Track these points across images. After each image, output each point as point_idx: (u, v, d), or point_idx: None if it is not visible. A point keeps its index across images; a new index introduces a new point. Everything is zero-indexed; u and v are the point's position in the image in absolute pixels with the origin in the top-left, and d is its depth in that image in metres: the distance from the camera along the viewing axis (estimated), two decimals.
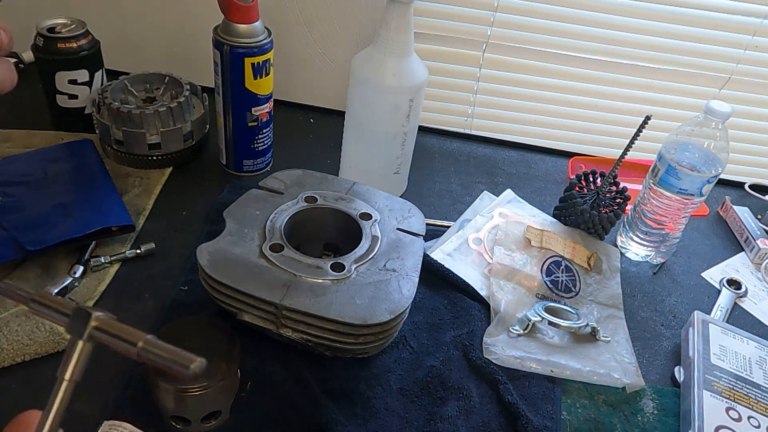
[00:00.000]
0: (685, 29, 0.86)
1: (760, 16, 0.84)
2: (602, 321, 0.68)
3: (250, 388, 0.55)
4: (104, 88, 0.78)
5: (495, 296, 0.67)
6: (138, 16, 0.92)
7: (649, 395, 0.62)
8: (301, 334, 0.52)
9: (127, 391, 0.53)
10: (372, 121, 0.73)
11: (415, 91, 0.71)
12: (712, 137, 0.69)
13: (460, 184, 0.88)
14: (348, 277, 0.55)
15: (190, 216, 0.73)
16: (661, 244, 0.77)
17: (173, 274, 0.65)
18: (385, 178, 0.79)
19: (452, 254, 0.72)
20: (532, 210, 0.81)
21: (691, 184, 0.70)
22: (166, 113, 0.76)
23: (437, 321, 0.65)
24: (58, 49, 0.75)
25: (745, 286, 0.77)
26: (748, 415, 0.58)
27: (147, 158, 0.77)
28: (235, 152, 0.80)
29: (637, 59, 0.89)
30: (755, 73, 0.89)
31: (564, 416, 0.58)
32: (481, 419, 0.55)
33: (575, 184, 0.78)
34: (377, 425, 0.54)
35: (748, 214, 0.88)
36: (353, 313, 0.51)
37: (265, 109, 0.76)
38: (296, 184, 0.66)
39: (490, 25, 0.88)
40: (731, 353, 0.64)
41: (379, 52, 0.69)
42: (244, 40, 0.70)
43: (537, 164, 0.96)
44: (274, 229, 0.59)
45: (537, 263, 0.71)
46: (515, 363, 0.61)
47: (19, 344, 0.54)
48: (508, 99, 0.95)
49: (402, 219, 0.65)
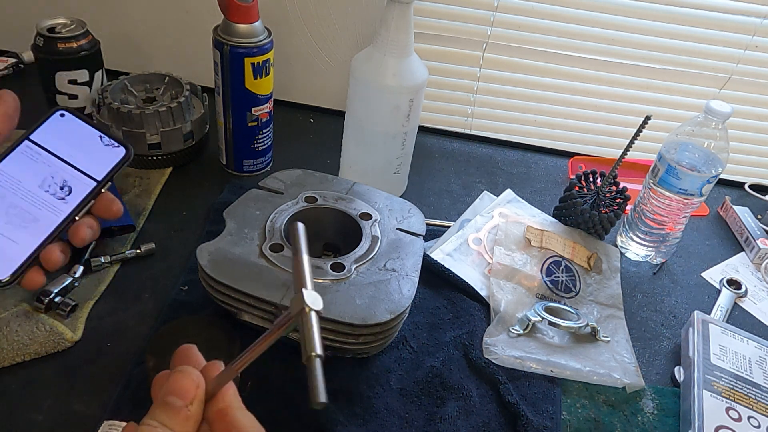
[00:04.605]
0: (685, 29, 0.86)
1: (760, 16, 0.84)
2: (602, 321, 0.68)
3: (250, 388, 0.55)
4: (104, 88, 0.78)
5: (495, 296, 0.67)
6: (138, 16, 0.92)
7: (649, 395, 0.62)
8: None
9: (127, 391, 0.53)
10: (372, 121, 0.73)
11: (415, 91, 0.71)
12: (712, 137, 0.69)
13: (460, 184, 0.88)
14: (348, 277, 0.55)
15: (190, 216, 0.73)
16: (661, 244, 0.77)
17: (173, 274, 0.65)
18: (385, 178, 0.79)
19: (452, 254, 0.72)
20: (532, 210, 0.81)
21: (691, 184, 0.70)
22: (166, 113, 0.76)
23: (437, 321, 0.65)
24: (58, 49, 0.75)
25: (745, 286, 0.77)
26: (748, 415, 0.58)
27: (147, 158, 0.77)
28: (235, 152, 0.80)
29: (637, 59, 0.89)
30: (755, 73, 0.89)
31: (564, 416, 0.58)
32: (481, 419, 0.55)
33: (575, 184, 0.78)
34: (377, 425, 0.54)
35: (748, 214, 0.88)
36: (353, 313, 0.51)
37: (265, 109, 0.76)
38: (296, 184, 0.66)
39: (490, 25, 0.88)
40: (731, 353, 0.64)
41: (379, 52, 0.69)
42: (244, 40, 0.70)
43: (537, 164, 0.96)
44: (274, 229, 0.59)
45: (537, 263, 0.71)
46: (515, 363, 0.61)
47: (19, 344, 0.54)
48: (508, 99, 0.95)
49: (402, 219, 0.65)
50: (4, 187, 0.48)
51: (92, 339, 0.57)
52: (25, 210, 0.48)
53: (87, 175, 0.51)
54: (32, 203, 0.49)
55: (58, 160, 0.51)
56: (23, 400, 0.51)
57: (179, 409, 0.33)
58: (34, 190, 0.49)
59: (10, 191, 0.48)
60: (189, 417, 0.33)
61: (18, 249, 0.47)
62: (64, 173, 0.50)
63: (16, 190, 0.48)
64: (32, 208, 0.49)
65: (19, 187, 0.49)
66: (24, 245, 0.47)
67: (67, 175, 0.51)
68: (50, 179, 0.50)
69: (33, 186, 0.49)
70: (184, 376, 0.34)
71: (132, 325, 0.59)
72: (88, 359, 0.55)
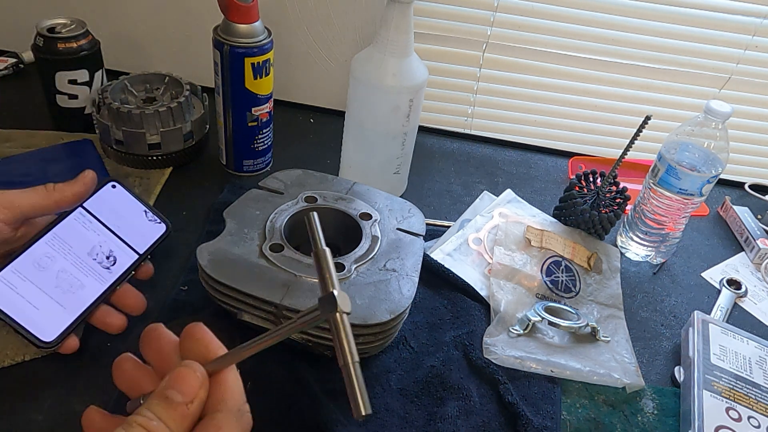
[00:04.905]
0: (685, 29, 0.86)
1: (760, 16, 0.84)
2: (602, 321, 0.68)
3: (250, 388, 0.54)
4: (104, 88, 0.78)
5: (495, 296, 0.67)
6: (138, 16, 0.92)
7: (649, 395, 0.62)
8: (301, 334, 0.52)
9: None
10: (372, 121, 0.73)
11: (415, 91, 0.71)
12: (712, 137, 0.69)
13: (460, 184, 0.88)
14: (348, 277, 0.55)
15: (190, 216, 0.73)
16: (661, 244, 0.77)
17: (173, 274, 0.65)
18: (385, 178, 0.79)
19: (452, 254, 0.72)
20: (532, 210, 0.81)
21: (691, 184, 0.70)
22: (166, 113, 0.76)
23: (437, 321, 0.65)
24: (58, 49, 0.75)
25: (745, 286, 0.77)
26: (748, 415, 0.58)
27: (147, 158, 0.77)
28: (235, 152, 0.80)
29: (637, 59, 0.89)
30: (755, 73, 0.89)
31: (564, 416, 0.58)
32: (481, 419, 0.55)
33: (575, 184, 0.78)
34: (377, 425, 0.54)
35: (748, 214, 0.88)
36: (353, 313, 0.51)
37: (265, 109, 0.76)
38: (296, 184, 0.66)
39: (490, 25, 0.88)
40: (731, 353, 0.64)
41: (379, 52, 0.69)
42: (244, 40, 0.70)
43: (537, 164, 0.96)
44: (274, 229, 0.59)
45: (537, 263, 0.71)
46: (515, 363, 0.61)
47: (19, 344, 0.54)
48: (508, 99, 0.95)
49: (402, 219, 0.65)
50: (57, 251, 0.50)
51: (92, 339, 0.57)
52: (74, 276, 0.50)
53: (130, 247, 0.54)
54: (81, 269, 0.51)
55: (107, 230, 0.54)
56: (23, 400, 0.51)
57: (178, 406, 0.31)
58: (83, 257, 0.51)
59: (61, 255, 0.50)
60: (187, 416, 0.32)
61: (64, 314, 0.49)
62: (111, 243, 0.53)
63: (67, 254, 0.51)
64: (80, 275, 0.51)
65: (70, 252, 0.51)
66: (70, 310, 0.49)
67: (113, 246, 0.53)
68: (98, 248, 0.53)
69: (83, 252, 0.51)
70: (190, 373, 0.33)
71: (132, 324, 0.59)
72: (89, 359, 0.55)
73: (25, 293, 0.48)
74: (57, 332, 0.48)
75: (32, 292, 0.48)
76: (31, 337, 0.48)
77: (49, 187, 0.53)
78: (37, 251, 0.50)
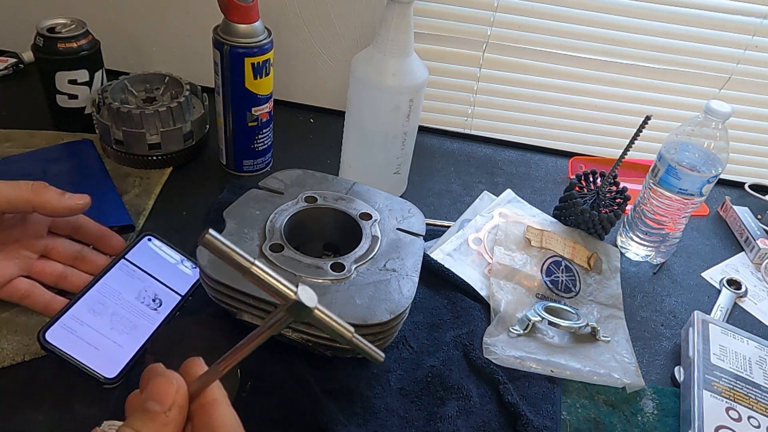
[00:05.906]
0: (685, 29, 0.86)
1: (760, 16, 0.84)
2: (602, 321, 0.68)
3: (250, 388, 0.55)
4: (104, 88, 0.78)
5: (495, 296, 0.67)
6: (138, 16, 0.92)
7: (649, 395, 0.62)
8: (301, 334, 0.52)
9: (127, 391, 0.53)
10: (372, 121, 0.73)
11: (415, 91, 0.71)
12: (712, 137, 0.69)
13: (460, 184, 0.88)
14: (348, 277, 0.55)
15: (190, 216, 0.73)
16: (661, 244, 0.77)
17: None
18: (385, 178, 0.79)
19: (452, 254, 0.72)
20: (532, 210, 0.81)
21: (691, 184, 0.70)
22: (166, 113, 0.75)
23: (437, 321, 0.65)
24: (58, 49, 0.75)
25: (745, 286, 0.77)
26: (748, 415, 0.58)
27: (147, 158, 0.77)
28: (235, 152, 0.80)
29: (637, 59, 0.89)
30: (755, 73, 0.89)
31: (564, 416, 0.58)
32: (481, 419, 0.55)
33: (575, 184, 0.78)
34: (377, 425, 0.54)
35: (748, 214, 0.88)
36: (353, 313, 0.51)
37: (265, 109, 0.76)
38: (296, 184, 0.66)
39: (490, 25, 0.88)
40: (731, 353, 0.64)
41: (379, 52, 0.69)
42: (244, 40, 0.70)
43: (537, 164, 0.96)
44: (274, 229, 0.59)
45: (537, 263, 0.71)
46: (515, 363, 0.61)
47: (19, 344, 0.54)
48: (508, 99, 0.95)
49: (402, 219, 0.65)
50: (108, 298, 0.57)
51: None
52: (126, 318, 0.56)
53: (173, 290, 0.61)
54: (131, 312, 0.57)
55: (149, 277, 0.60)
56: (23, 400, 0.51)
57: (156, 415, 0.31)
58: (132, 301, 0.58)
59: (112, 301, 0.57)
60: (167, 423, 0.31)
61: (122, 352, 0.54)
62: (155, 288, 0.60)
63: (117, 300, 0.57)
64: (131, 317, 0.57)
65: (120, 298, 0.57)
66: (127, 348, 0.55)
67: (158, 290, 0.60)
68: (144, 292, 0.59)
69: (131, 297, 0.58)
70: (164, 380, 0.32)
71: None
72: None
73: (85, 336, 0.53)
74: (118, 369, 0.53)
75: (91, 335, 0.54)
76: (95, 374, 0.52)
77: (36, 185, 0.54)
78: (90, 299, 0.56)
